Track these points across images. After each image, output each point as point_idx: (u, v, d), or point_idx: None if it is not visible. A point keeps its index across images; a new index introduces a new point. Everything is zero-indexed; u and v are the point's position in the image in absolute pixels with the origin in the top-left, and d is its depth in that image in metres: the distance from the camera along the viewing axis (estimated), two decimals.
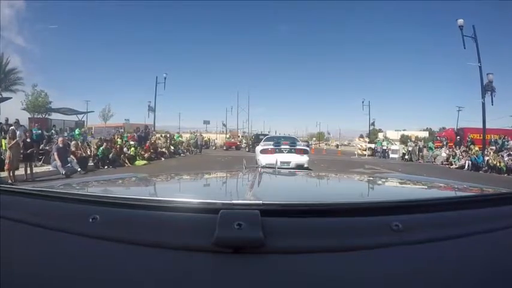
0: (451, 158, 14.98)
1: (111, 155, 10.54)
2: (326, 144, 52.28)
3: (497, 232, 0.56)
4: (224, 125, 44.46)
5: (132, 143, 12.83)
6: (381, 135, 23.87)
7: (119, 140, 12.55)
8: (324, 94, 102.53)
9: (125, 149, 12.01)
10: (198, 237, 0.49)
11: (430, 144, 17.52)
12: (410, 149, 17.29)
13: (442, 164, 15.24)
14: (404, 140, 25.81)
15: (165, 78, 24.08)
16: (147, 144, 13.41)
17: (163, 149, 15.11)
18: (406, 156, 17.07)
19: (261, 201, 0.55)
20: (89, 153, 10.49)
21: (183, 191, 1.14)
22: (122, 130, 20.32)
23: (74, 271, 0.45)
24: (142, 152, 12.74)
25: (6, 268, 0.45)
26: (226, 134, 41.74)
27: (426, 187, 1.20)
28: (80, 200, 0.66)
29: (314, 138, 65.59)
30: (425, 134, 43.85)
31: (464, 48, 16.81)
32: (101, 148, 10.76)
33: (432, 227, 0.54)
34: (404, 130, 53.80)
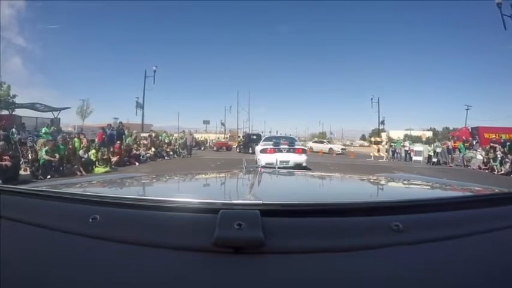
0: (491, 161, 12.64)
1: (54, 161, 8.11)
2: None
3: (497, 232, 0.57)
4: (223, 124, 41.40)
5: (96, 143, 9.28)
6: (384, 135, 20.32)
7: (76, 140, 8.96)
8: (325, 94, 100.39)
9: (80, 152, 8.45)
10: (198, 237, 0.50)
11: (461, 145, 13.97)
12: (438, 150, 13.63)
13: (480, 168, 13.15)
14: (408, 140, 22.10)
15: (154, 71, 22.74)
16: (117, 145, 9.77)
17: (142, 151, 12.94)
18: (434, 159, 13.45)
19: (261, 201, 0.56)
20: (30, 157, 8.27)
21: (183, 191, 1.14)
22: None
23: (74, 271, 0.46)
24: (109, 156, 9.14)
25: (6, 268, 0.47)
26: (225, 133, 38.31)
27: (426, 187, 1.18)
28: (80, 200, 0.67)
29: (316, 139, 61.91)
30: (429, 134, 39.85)
31: (505, 29, 13.23)
32: (44, 150, 8.24)
33: (432, 227, 0.55)
34: (407, 130, 49.98)
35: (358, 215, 0.57)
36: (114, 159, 10.42)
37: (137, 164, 11.18)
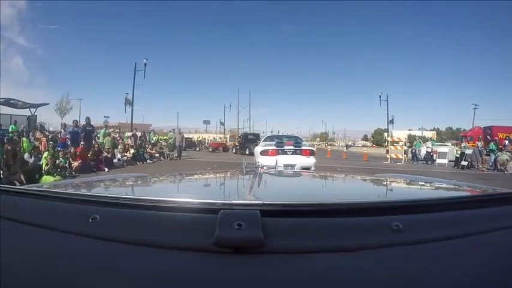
0: None
1: None
2: (331, 144, 45.95)
3: (497, 232, 0.57)
4: (222, 124, 39.34)
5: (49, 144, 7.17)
6: (386, 135, 17.99)
7: (24, 140, 6.78)
8: (327, 94, 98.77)
9: (26, 156, 7.50)
10: (198, 237, 0.50)
11: (492, 145, 11.68)
12: (468, 151, 11.26)
13: None
14: (411, 140, 19.78)
15: (145, 64, 20.21)
16: (80, 146, 7.52)
17: (118, 153, 10.81)
18: (464, 162, 11.07)
19: (261, 202, 0.56)
20: None
21: (183, 191, 1.12)
22: (118, 130, 17.67)
23: (74, 271, 0.47)
24: (69, 160, 6.90)
25: (6, 268, 0.47)
26: (224, 133, 36.27)
27: (426, 187, 1.18)
28: (80, 200, 0.67)
29: (318, 139, 59.63)
30: (432, 134, 37.29)
31: None
32: None
33: (432, 227, 0.55)
34: (410, 130, 47.49)
35: (358, 215, 0.57)
36: (75, 164, 8.12)
37: (106, 169, 8.97)
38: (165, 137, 15.90)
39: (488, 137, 17.94)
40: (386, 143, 16.10)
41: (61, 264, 0.48)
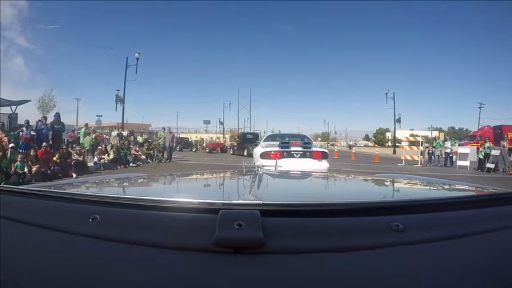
0: None
1: None
2: (332, 144, 44.48)
3: (497, 232, 0.57)
4: (221, 123, 37.96)
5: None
6: (388, 135, 16.37)
7: None
8: (327, 95, 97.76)
9: None
10: (198, 237, 0.50)
11: None
12: (495, 152, 9.75)
13: None
14: (450, 139, 18.32)
15: (137, 59, 19.04)
16: (42, 148, 6.02)
17: (95, 156, 9.46)
18: (489, 165, 9.58)
19: (261, 201, 0.57)
20: None
21: (183, 191, 1.11)
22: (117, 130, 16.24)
23: (73, 271, 0.47)
24: (29, 165, 5.34)
25: (6, 268, 0.48)
26: (223, 133, 34.91)
27: (426, 187, 1.18)
28: (80, 200, 0.67)
29: (319, 139, 58.14)
30: (435, 134, 35.86)
31: None
32: None
33: (432, 227, 0.56)
34: (412, 130, 45.69)
35: (358, 215, 0.57)
36: (34, 169, 6.59)
37: (74, 175, 7.37)
38: (140, 136, 14.23)
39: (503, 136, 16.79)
40: (389, 143, 14.68)
41: (61, 264, 0.48)
